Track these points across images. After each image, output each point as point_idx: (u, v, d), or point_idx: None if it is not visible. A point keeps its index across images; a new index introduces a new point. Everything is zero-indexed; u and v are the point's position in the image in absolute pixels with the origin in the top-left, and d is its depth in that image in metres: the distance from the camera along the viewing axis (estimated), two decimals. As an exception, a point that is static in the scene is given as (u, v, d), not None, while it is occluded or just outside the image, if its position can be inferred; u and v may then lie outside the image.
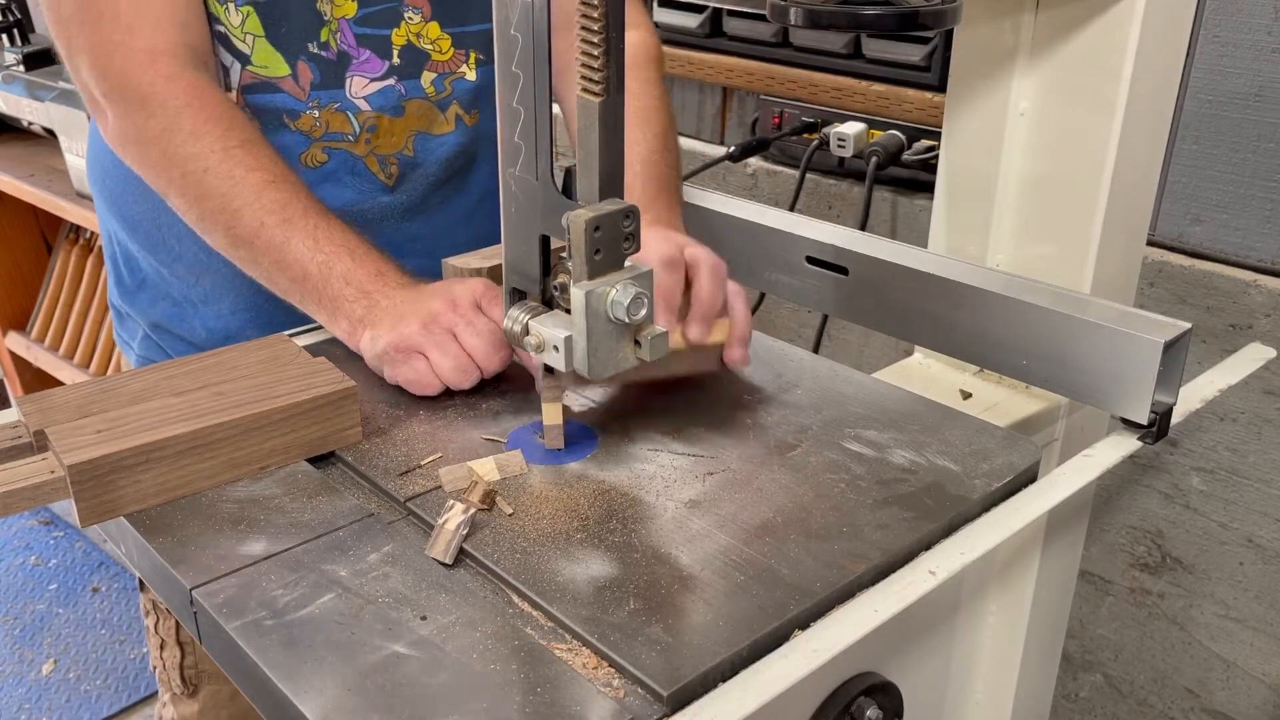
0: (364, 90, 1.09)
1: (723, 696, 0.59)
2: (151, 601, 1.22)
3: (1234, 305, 1.31)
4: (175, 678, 1.23)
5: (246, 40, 1.03)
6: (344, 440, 0.82)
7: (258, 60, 1.04)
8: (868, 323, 0.99)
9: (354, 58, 1.07)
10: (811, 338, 1.66)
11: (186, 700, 1.25)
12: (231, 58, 1.04)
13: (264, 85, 1.05)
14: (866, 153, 1.55)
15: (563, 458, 0.82)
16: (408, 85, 1.11)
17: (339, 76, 1.07)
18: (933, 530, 0.73)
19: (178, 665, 1.23)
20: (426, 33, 1.10)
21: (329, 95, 1.07)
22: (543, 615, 0.66)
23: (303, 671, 0.61)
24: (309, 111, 1.07)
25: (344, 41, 1.06)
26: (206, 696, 1.24)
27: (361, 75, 1.08)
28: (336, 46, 1.06)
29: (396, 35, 1.09)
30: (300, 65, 1.06)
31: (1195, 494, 1.42)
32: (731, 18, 1.75)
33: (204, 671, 1.23)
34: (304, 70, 1.06)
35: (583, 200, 0.72)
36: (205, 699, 1.24)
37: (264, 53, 1.04)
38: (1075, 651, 1.60)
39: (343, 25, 1.06)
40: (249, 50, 1.04)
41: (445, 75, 1.13)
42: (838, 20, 0.83)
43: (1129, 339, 0.80)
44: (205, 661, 1.23)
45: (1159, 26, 0.90)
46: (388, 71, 1.09)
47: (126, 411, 0.78)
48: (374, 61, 1.08)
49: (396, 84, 1.10)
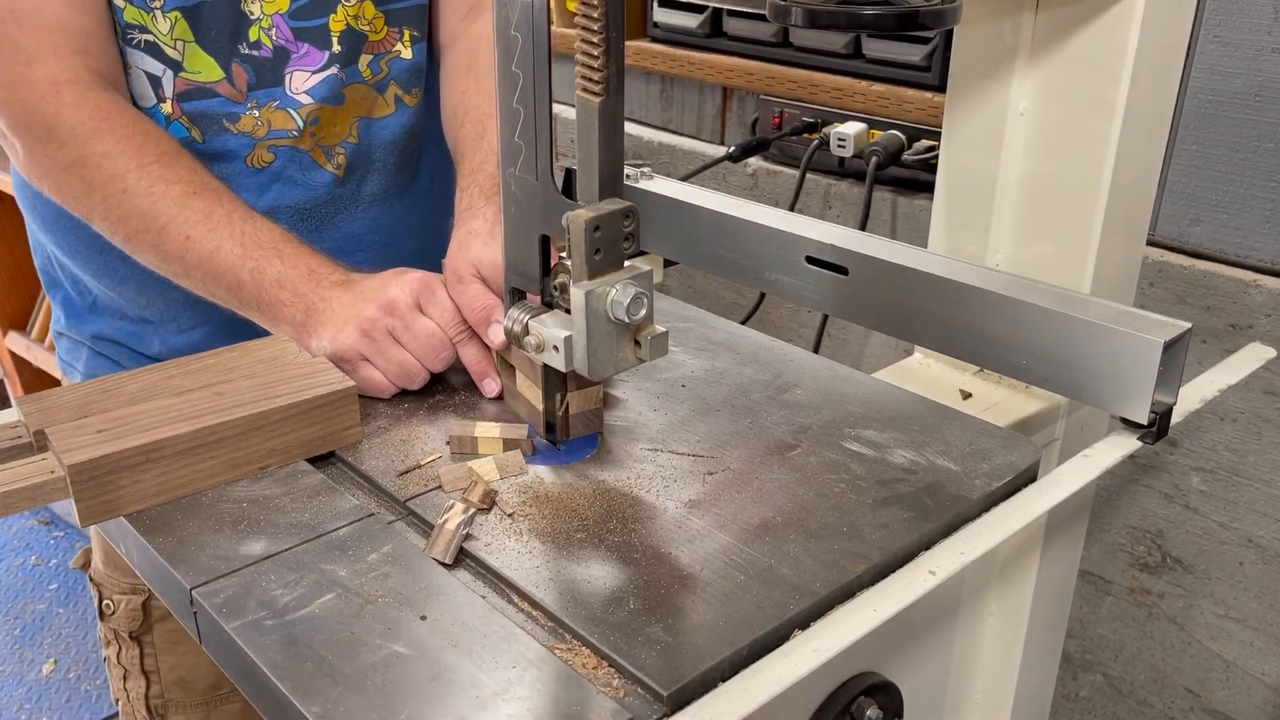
0: (305, 84, 1.07)
1: (723, 696, 0.59)
2: (112, 631, 1.19)
3: (1234, 305, 1.31)
4: (140, 709, 1.21)
5: (177, 47, 1.01)
6: (344, 440, 0.82)
7: (190, 66, 1.02)
8: (868, 323, 0.99)
9: (293, 52, 1.05)
10: (811, 338, 1.66)
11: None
12: (163, 66, 1.02)
13: (199, 91, 1.03)
14: (866, 153, 1.55)
15: (563, 457, 0.82)
16: (348, 71, 1.09)
17: (276, 74, 1.05)
18: (933, 530, 0.73)
19: (143, 696, 1.20)
20: (363, 13, 1.08)
21: (267, 94, 1.05)
22: (542, 615, 0.66)
23: (303, 671, 0.61)
24: (249, 112, 1.05)
25: (280, 37, 1.04)
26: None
27: (302, 70, 1.06)
28: (271, 43, 1.04)
29: (334, 21, 1.07)
30: (234, 67, 1.04)
31: (1195, 494, 1.42)
32: (731, 18, 1.75)
33: (170, 701, 1.21)
34: (238, 72, 1.04)
35: (583, 200, 0.72)
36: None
37: (195, 58, 1.02)
38: (1075, 651, 1.60)
39: (276, 21, 1.04)
40: (181, 57, 1.02)
41: (381, 56, 1.11)
42: (838, 20, 0.83)
43: (1129, 339, 0.80)
44: (172, 689, 1.21)
45: (1159, 26, 0.90)
46: (328, 61, 1.07)
47: (126, 411, 0.78)
48: (313, 54, 1.07)
49: (338, 72, 1.08)
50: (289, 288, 0.92)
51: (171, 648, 1.21)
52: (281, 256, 0.92)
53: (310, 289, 0.91)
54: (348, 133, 1.11)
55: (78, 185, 0.95)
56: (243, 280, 0.92)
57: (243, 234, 0.93)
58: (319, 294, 0.91)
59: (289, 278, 0.92)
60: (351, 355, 0.88)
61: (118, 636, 1.20)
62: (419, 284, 0.90)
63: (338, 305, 0.90)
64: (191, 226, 0.93)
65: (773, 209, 1.05)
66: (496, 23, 0.71)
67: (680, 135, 1.92)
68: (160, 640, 1.20)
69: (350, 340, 0.88)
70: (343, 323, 0.89)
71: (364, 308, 0.88)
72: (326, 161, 1.10)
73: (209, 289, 0.95)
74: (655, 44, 1.87)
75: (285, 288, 0.92)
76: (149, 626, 1.19)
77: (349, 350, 0.88)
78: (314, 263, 0.93)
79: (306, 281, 0.91)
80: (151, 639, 1.20)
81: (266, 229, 0.94)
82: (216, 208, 0.94)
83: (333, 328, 0.89)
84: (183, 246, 0.93)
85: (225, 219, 0.93)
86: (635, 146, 1.95)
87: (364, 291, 0.90)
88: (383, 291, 0.89)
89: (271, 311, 0.92)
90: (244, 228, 0.93)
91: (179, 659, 1.21)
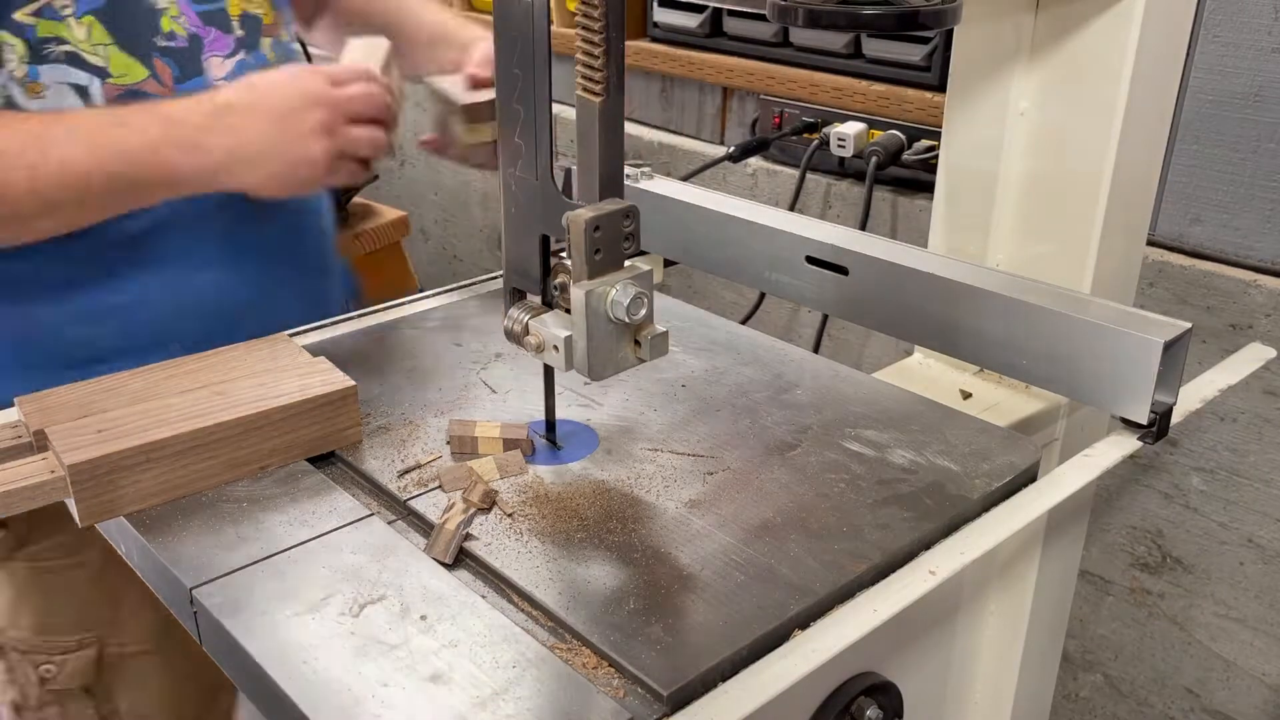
0: (222, 70, 1.07)
1: (723, 696, 0.59)
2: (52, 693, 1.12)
3: (1234, 305, 1.31)
4: None
5: (99, 52, 0.99)
6: (344, 440, 0.82)
7: (115, 69, 1.00)
8: (868, 323, 0.99)
9: (204, 38, 1.05)
10: (811, 338, 1.66)
11: None
12: (89, 75, 0.99)
13: (128, 94, 1.01)
14: (866, 153, 1.55)
15: (563, 457, 0.82)
16: (255, 56, 1.10)
17: (195, 63, 1.05)
18: (933, 530, 0.73)
19: None
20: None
21: (191, 84, 1.04)
22: (542, 615, 0.66)
23: (303, 671, 0.61)
24: None
25: (190, 24, 1.04)
26: None
27: (216, 55, 1.06)
28: (185, 31, 1.03)
29: (231, 5, 1.08)
30: (156, 63, 1.02)
31: (1195, 494, 1.42)
32: (731, 18, 1.75)
33: None
34: (161, 68, 1.03)
35: (583, 200, 0.72)
36: None
37: (119, 60, 1.00)
38: (1075, 651, 1.60)
39: (183, 7, 1.04)
40: (105, 62, 0.99)
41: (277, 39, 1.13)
42: (838, 20, 0.83)
43: (1129, 339, 0.80)
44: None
45: (1159, 26, 0.90)
46: (235, 46, 1.08)
47: (127, 411, 0.78)
48: (221, 39, 1.07)
49: (246, 56, 1.09)
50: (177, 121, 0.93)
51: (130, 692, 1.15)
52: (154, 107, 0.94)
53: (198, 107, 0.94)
54: None
55: None
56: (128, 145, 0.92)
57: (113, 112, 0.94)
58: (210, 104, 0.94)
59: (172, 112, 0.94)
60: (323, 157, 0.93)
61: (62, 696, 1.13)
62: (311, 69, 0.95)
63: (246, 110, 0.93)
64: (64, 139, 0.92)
65: (773, 209, 1.05)
66: (496, 23, 0.71)
67: (680, 135, 1.92)
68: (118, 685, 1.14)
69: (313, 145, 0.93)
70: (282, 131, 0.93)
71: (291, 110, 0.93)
72: None
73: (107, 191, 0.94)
74: (655, 44, 1.87)
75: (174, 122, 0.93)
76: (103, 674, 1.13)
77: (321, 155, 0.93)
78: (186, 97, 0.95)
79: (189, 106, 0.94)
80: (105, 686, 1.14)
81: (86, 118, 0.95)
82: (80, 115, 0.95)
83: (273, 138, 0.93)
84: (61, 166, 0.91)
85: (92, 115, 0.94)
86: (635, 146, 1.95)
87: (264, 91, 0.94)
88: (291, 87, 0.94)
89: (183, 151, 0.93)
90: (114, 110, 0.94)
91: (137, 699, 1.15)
